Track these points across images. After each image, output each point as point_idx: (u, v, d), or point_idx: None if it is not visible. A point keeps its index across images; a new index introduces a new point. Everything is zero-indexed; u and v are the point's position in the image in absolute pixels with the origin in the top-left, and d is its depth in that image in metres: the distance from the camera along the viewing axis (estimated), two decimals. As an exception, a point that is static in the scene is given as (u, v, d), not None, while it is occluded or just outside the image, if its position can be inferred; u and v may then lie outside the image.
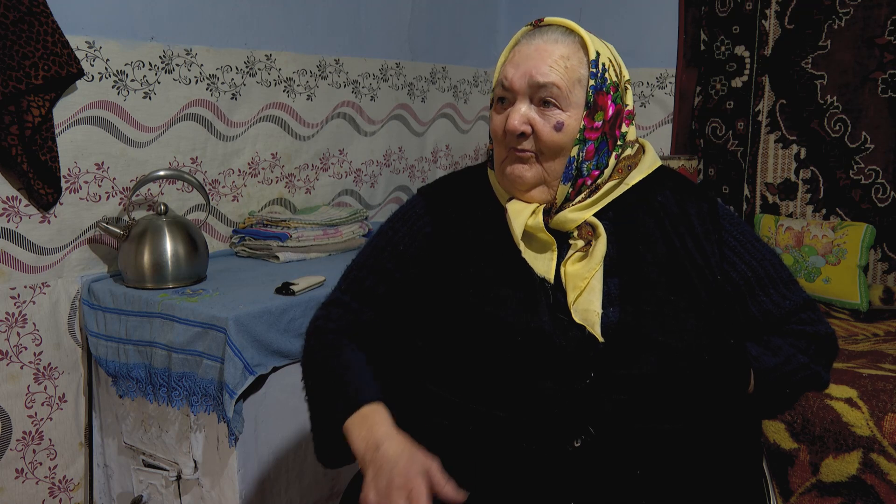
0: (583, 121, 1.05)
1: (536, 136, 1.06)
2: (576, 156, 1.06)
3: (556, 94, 1.04)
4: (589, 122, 1.05)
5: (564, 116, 1.04)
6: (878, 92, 2.42)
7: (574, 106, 1.05)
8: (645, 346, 1.02)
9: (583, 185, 1.09)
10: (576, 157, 1.06)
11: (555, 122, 1.04)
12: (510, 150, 1.09)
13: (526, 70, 1.05)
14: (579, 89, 1.05)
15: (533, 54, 1.05)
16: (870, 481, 1.65)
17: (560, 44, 1.06)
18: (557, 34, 1.07)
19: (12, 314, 1.75)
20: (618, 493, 0.99)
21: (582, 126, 1.05)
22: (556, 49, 1.05)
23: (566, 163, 1.06)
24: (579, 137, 1.05)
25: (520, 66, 1.06)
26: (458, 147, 3.09)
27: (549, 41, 1.06)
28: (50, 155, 1.69)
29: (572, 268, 1.07)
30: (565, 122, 1.04)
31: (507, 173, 1.10)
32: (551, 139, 1.05)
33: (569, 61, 1.04)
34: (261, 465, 1.69)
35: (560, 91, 1.04)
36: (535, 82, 1.04)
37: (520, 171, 1.08)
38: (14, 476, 1.80)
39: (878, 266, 2.46)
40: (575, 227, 1.09)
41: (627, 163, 1.11)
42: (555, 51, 1.05)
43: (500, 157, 1.11)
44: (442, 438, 1.06)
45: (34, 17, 1.61)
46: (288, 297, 1.72)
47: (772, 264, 1.14)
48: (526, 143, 1.06)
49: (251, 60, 2.19)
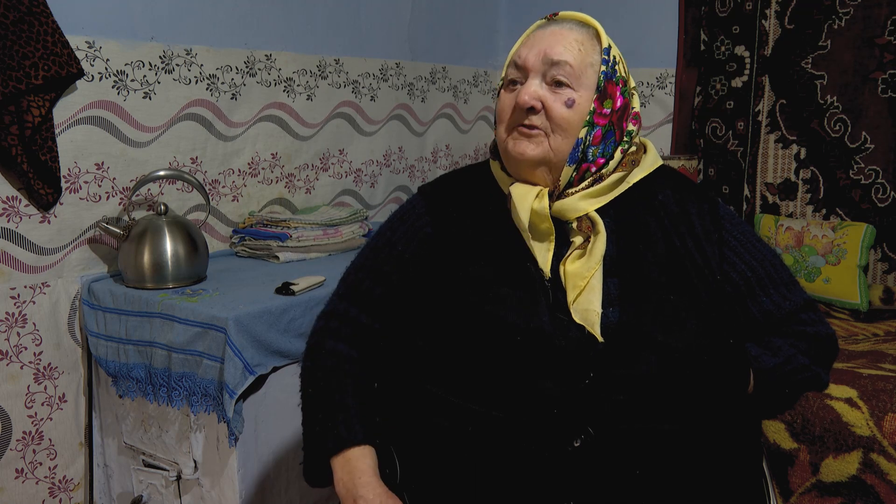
0: (593, 103, 1.07)
1: (547, 112, 1.07)
2: (583, 138, 1.07)
3: (568, 72, 1.06)
4: (599, 106, 1.07)
5: (576, 95, 1.07)
6: (878, 92, 2.42)
7: (585, 87, 1.07)
8: (645, 346, 1.02)
9: (587, 172, 1.09)
10: (583, 139, 1.07)
11: (566, 99, 1.06)
12: (515, 128, 1.10)
13: (541, 49, 1.08)
14: (591, 72, 1.07)
15: (548, 37, 1.09)
16: (870, 481, 1.65)
17: (575, 31, 1.09)
18: (573, 24, 1.11)
19: (12, 314, 1.75)
20: (617, 493, 0.99)
21: (592, 109, 1.07)
22: (572, 34, 1.09)
23: (574, 144, 1.07)
24: (588, 120, 1.07)
25: (534, 46, 1.09)
26: (458, 147, 3.09)
27: (565, 28, 1.10)
28: (50, 155, 1.69)
29: (572, 266, 1.07)
30: (576, 101, 1.06)
31: (511, 149, 1.10)
32: (561, 114, 1.06)
33: (583, 45, 1.08)
34: (261, 465, 1.69)
35: (573, 70, 1.06)
36: (550, 59, 1.07)
37: (522, 148, 1.09)
38: (14, 476, 1.80)
39: (878, 266, 2.46)
40: (575, 219, 1.09)
41: (631, 158, 1.12)
42: (570, 35, 1.09)
43: (504, 136, 1.12)
44: (442, 439, 1.06)
45: (34, 17, 1.61)
46: (288, 297, 1.72)
47: (772, 265, 1.14)
48: (535, 118, 1.07)
49: (251, 60, 2.19)
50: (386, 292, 1.17)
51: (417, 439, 1.10)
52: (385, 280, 1.17)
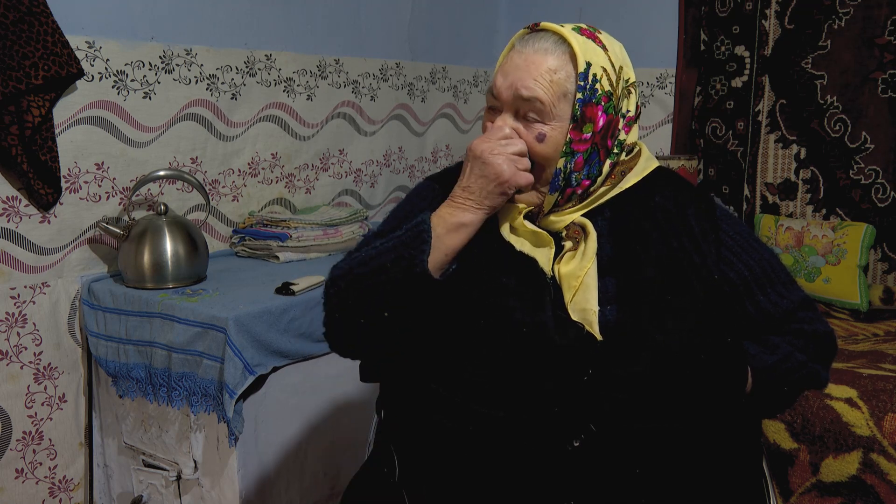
0: (569, 134, 1.05)
1: None
2: (562, 168, 1.06)
3: (538, 108, 1.05)
4: (576, 134, 1.05)
5: (547, 129, 1.05)
6: (878, 92, 2.42)
7: (559, 119, 1.05)
8: (642, 345, 1.02)
9: (573, 194, 1.10)
10: (562, 168, 1.06)
11: (537, 134, 1.06)
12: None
13: (512, 82, 1.06)
14: (564, 104, 1.05)
15: (521, 65, 1.06)
16: (870, 481, 1.65)
17: (550, 55, 1.06)
18: (549, 43, 1.07)
19: (12, 314, 1.75)
20: (617, 492, 0.99)
21: (568, 139, 1.05)
22: (545, 61, 1.05)
23: (553, 174, 1.07)
24: (566, 150, 1.06)
25: (507, 76, 1.07)
26: (458, 147, 3.09)
27: (539, 51, 1.06)
28: (50, 155, 1.69)
29: (565, 268, 1.07)
30: (548, 135, 1.05)
31: None
32: (534, 149, 1.06)
33: (555, 75, 1.05)
34: (261, 465, 1.69)
35: (543, 106, 1.04)
36: (520, 95, 1.05)
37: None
38: (14, 476, 1.80)
39: (878, 266, 2.46)
40: (563, 227, 1.10)
41: (622, 168, 1.12)
42: (542, 63, 1.05)
43: None
44: (442, 437, 1.06)
45: (34, 17, 1.61)
46: (288, 297, 1.72)
47: (770, 264, 1.14)
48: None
49: (251, 60, 2.19)
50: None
51: (417, 438, 1.10)
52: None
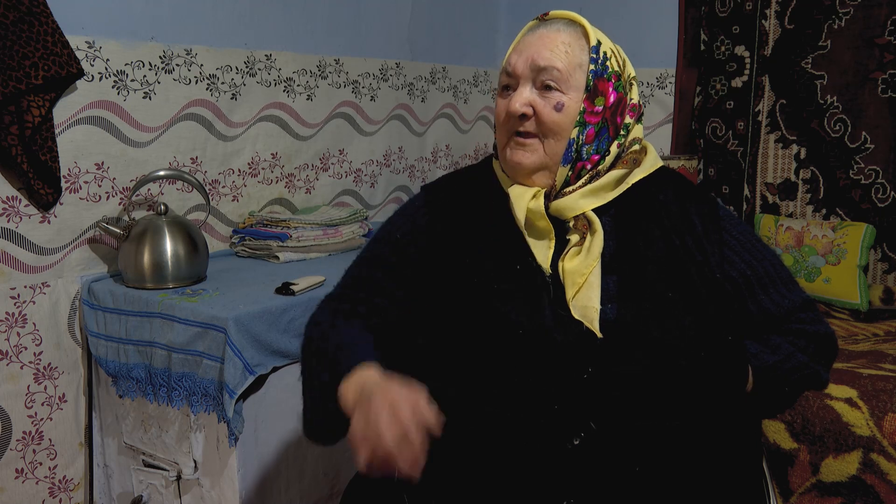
0: (583, 104, 1.08)
1: (538, 117, 1.09)
2: (575, 138, 1.08)
3: (556, 76, 1.07)
4: (589, 105, 1.08)
5: (565, 98, 1.08)
6: (878, 92, 2.42)
7: (574, 89, 1.08)
8: (643, 343, 1.02)
9: (582, 169, 1.11)
10: (575, 139, 1.08)
11: (555, 103, 1.08)
12: (511, 136, 1.11)
13: (529, 55, 1.09)
14: (580, 73, 1.08)
15: (536, 42, 1.10)
16: (870, 481, 1.65)
17: (562, 32, 1.10)
18: (560, 25, 1.11)
19: (12, 314, 1.75)
20: (617, 490, 0.99)
21: (582, 108, 1.08)
22: (559, 36, 1.10)
23: (566, 145, 1.09)
24: (579, 120, 1.08)
25: (523, 53, 1.10)
26: (458, 147, 3.09)
27: (552, 30, 1.11)
28: (50, 155, 1.69)
29: (570, 263, 1.08)
30: (565, 104, 1.08)
31: (508, 159, 1.13)
32: (551, 119, 1.08)
33: (570, 47, 1.09)
34: (261, 465, 1.69)
35: (560, 74, 1.07)
36: (537, 65, 1.08)
37: (519, 158, 1.11)
38: (14, 476, 1.80)
39: (878, 266, 2.46)
40: (573, 217, 1.10)
41: (632, 157, 1.13)
42: (557, 38, 1.09)
43: (503, 143, 1.14)
44: (441, 437, 1.06)
45: (34, 17, 1.61)
46: (288, 297, 1.72)
47: (771, 264, 1.15)
48: (528, 124, 1.09)
49: (251, 60, 2.19)
50: (385, 276, 1.16)
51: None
52: (384, 263, 1.17)
